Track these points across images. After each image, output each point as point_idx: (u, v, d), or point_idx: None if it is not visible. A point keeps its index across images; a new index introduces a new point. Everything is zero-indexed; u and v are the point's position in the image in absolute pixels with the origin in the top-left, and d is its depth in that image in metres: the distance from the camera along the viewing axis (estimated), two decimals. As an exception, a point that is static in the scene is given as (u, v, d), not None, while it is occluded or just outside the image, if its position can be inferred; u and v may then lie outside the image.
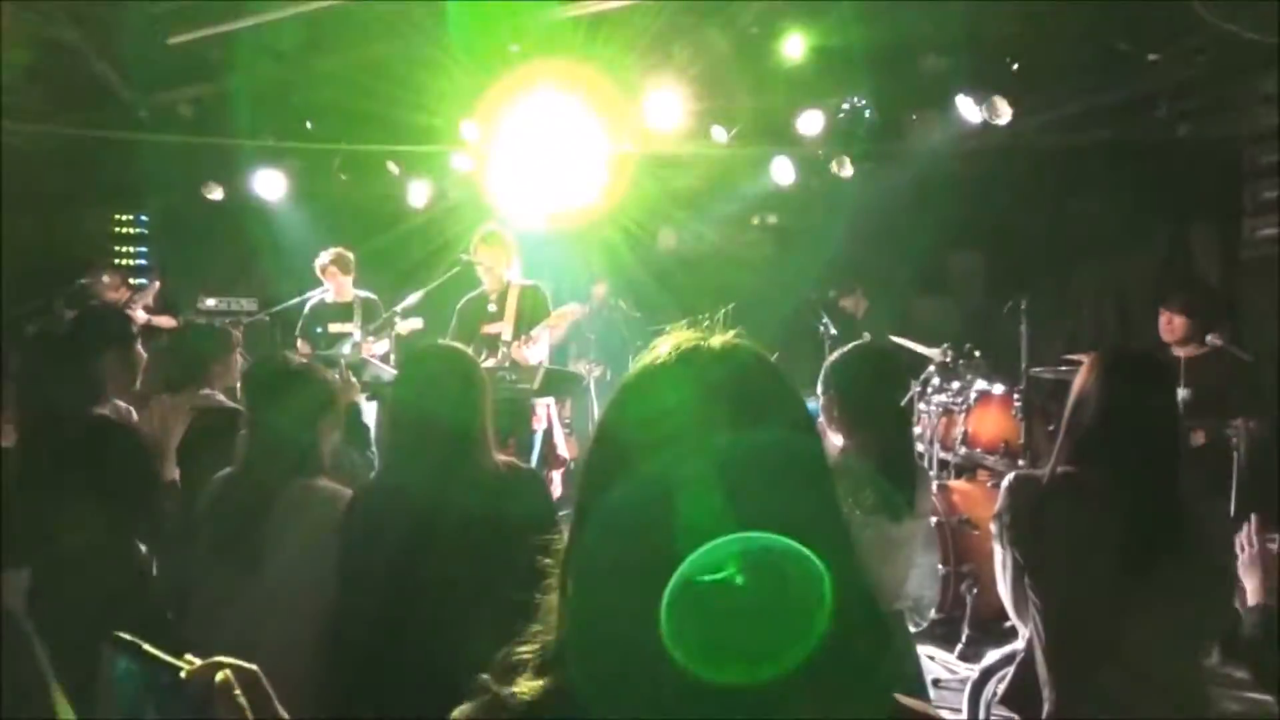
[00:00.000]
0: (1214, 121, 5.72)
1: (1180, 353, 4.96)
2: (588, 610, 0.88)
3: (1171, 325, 5.01)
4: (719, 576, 0.78)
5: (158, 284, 6.75)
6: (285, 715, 0.82)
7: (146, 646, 0.80)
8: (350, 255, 6.34)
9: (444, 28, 5.40)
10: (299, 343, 6.35)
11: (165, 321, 6.29)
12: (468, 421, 2.27)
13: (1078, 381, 2.37)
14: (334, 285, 6.32)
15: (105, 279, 6.72)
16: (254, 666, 0.81)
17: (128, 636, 0.80)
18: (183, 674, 0.79)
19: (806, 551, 0.78)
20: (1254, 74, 5.10)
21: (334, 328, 6.18)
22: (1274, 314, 5.42)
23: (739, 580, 0.78)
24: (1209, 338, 5.00)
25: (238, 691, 0.79)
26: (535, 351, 5.32)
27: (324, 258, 6.30)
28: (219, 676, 0.79)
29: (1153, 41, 5.13)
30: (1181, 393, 4.73)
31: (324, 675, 2.21)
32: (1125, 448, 2.23)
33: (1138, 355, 2.42)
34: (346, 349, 5.79)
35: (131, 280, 7.83)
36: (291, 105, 6.97)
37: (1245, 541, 2.34)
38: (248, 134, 7.19)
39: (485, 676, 0.92)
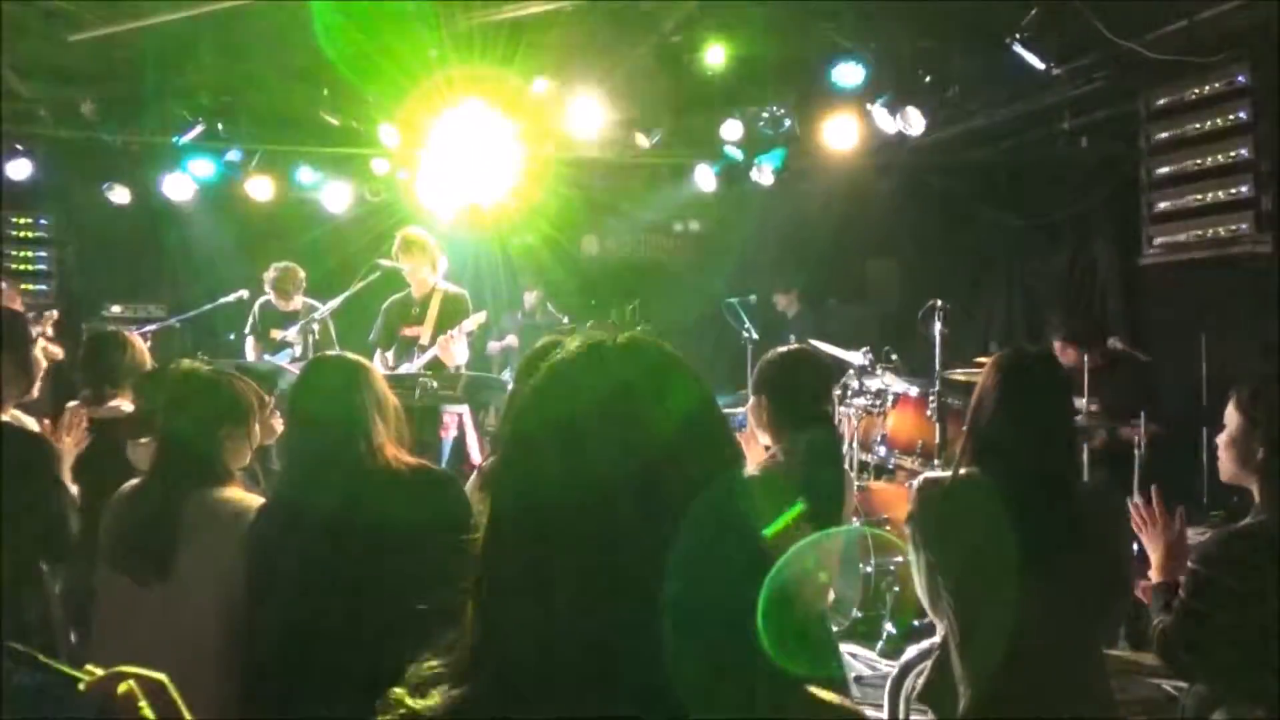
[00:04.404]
0: (1113, 134, 5.96)
1: (1085, 356, 5.15)
2: (504, 616, 0.86)
3: (1065, 355, 5.15)
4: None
5: (55, 313, 6.48)
6: None
7: (43, 658, 0.75)
8: (297, 274, 6.21)
9: (362, 31, 5.30)
10: (248, 341, 6.21)
11: (56, 352, 6.00)
12: (355, 427, 2.25)
13: (978, 385, 2.44)
14: (279, 300, 6.22)
15: (4, 286, 6.42)
16: (161, 676, 0.77)
17: (22, 648, 0.76)
18: (81, 686, 0.75)
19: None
20: (1150, 89, 5.33)
21: (276, 334, 6.05)
22: (1171, 318, 5.67)
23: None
24: (1110, 341, 5.21)
25: (142, 703, 0.75)
26: (457, 351, 5.25)
27: (270, 276, 6.20)
28: (122, 688, 0.75)
29: (1058, 57, 5.33)
30: (1086, 395, 4.92)
31: (233, 688, 2.15)
32: (1020, 447, 2.30)
33: (1029, 356, 2.46)
34: (285, 359, 5.66)
35: (31, 286, 7.50)
36: (202, 106, 6.77)
37: (1148, 515, 2.42)
38: (155, 135, 6.96)
39: (398, 691, 0.89)
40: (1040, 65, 5.27)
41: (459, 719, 0.85)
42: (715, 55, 5.83)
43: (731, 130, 6.72)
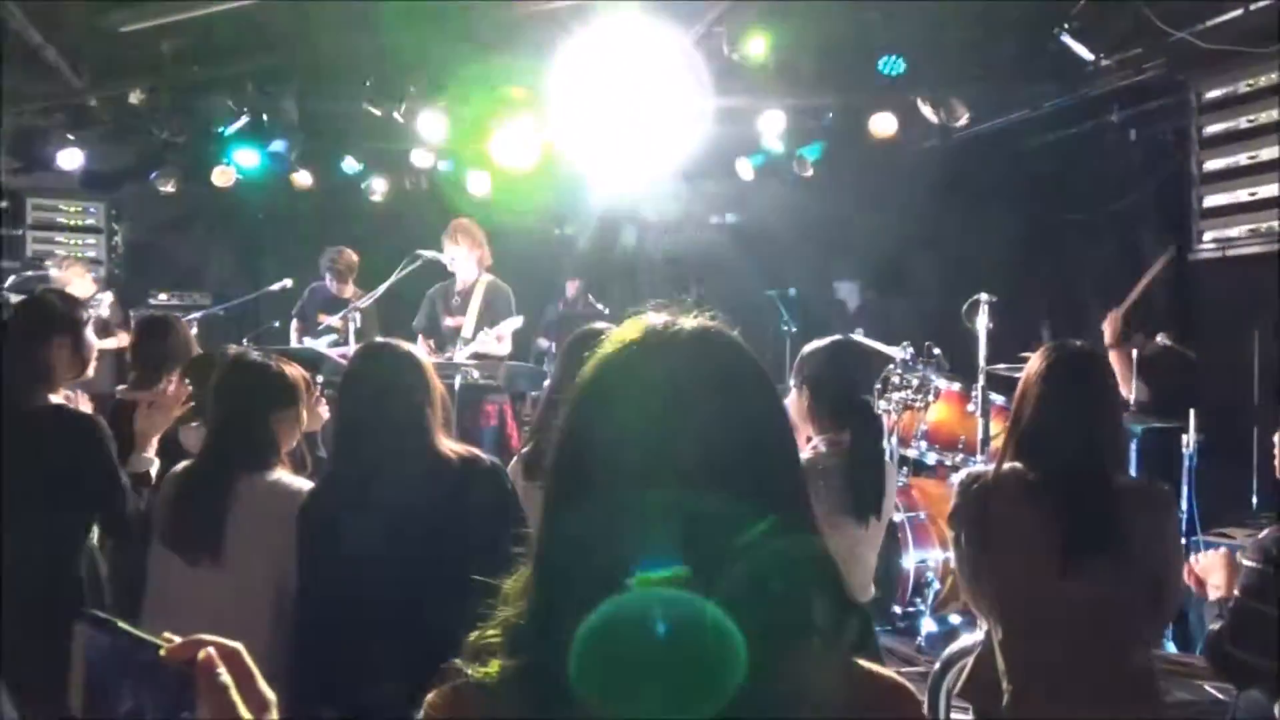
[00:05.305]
0: (1163, 127, 5.85)
1: (1133, 352, 5.06)
2: (556, 598, 0.87)
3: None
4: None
5: (111, 295, 6.63)
6: (270, 693, 0.80)
7: (122, 624, 0.76)
8: (352, 258, 6.34)
9: (403, 22, 5.34)
10: (294, 322, 6.34)
11: (115, 342, 6.10)
12: (406, 413, 2.28)
13: (1021, 379, 2.42)
14: (334, 282, 6.32)
15: (62, 271, 6.56)
16: (237, 644, 0.78)
17: (102, 614, 0.77)
18: (161, 652, 0.76)
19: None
20: (1202, 81, 5.22)
21: (323, 317, 6.17)
22: (1220, 315, 5.55)
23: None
24: (1159, 337, 5.12)
25: (220, 669, 0.76)
26: (500, 349, 5.32)
27: (326, 259, 6.33)
28: (201, 654, 0.76)
29: (1106, 47, 5.23)
30: (1134, 391, 4.84)
31: (285, 669, 2.18)
32: (1063, 442, 2.27)
33: (1070, 351, 2.41)
34: (325, 344, 5.77)
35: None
36: (248, 97, 6.85)
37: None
38: (202, 126, 7.06)
39: (456, 661, 0.91)
40: (1088, 56, 5.17)
41: (517, 688, 0.86)
42: (757, 46, 5.79)
43: (772, 122, 6.68)
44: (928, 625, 4.77)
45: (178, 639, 0.76)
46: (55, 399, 2.73)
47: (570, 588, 0.86)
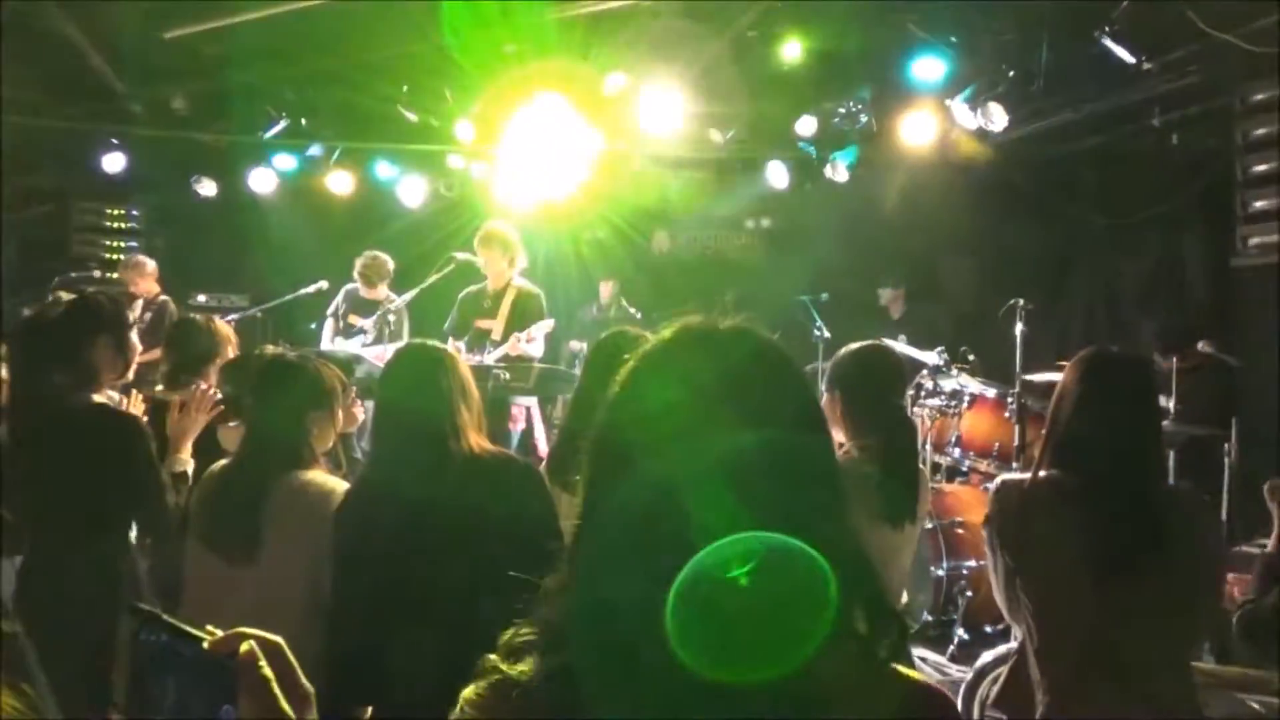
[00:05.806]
0: (1207, 130, 5.75)
1: (1174, 359, 4.98)
2: (594, 597, 0.87)
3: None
4: (725, 577, 0.78)
5: (166, 298, 6.77)
6: (310, 687, 0.81)
7: (167, 617, 0.78)
8: (385, 264, 6.38)
9: (440, 27, 5.40)
10: (327, 323, 6.42)
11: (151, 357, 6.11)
12: (441, 415, 2.31)
13: (1059, 384, 2.38)
14: (365, 286, 6.41)
15: (126, 271, 6.69)
16: (278, 638, 0.79)
17: (147, 607, 0.79)
18: (205, 645, 0.77)
19: (814, 553, 0.78)
20: (1247, 83, 5.13)
21: (355, 319, 6.24)
22: (1264, 322, 5.45)
23: (744, 581, 0.78)
24: (1200, 345, 5.03)
25: (262, 663, 0.77)
26: (531, 349, 5.34)
27: (358, 263, 6.40)
28: (243, 648, 0.77)
29: (1147, 50, 5.16)
30: (1174, 399, 4.76)
31: (320, 668, 2.20)
32: (1101, 449, 2.23)
33: (1110, 357, 2.37)
34: (356, 344, 5.83)
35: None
36: (286, 102, 6.95)
37: None
38: (242, 130, 7.17)
39: (492, 657, 0.91)
40: (1130, 59, 5.10)
41: (553, 686, 0.86)
42: (792, 50, 5.78)
43: (806, 126, 6.66)
44: (959, 634, 4.72)
45: (220, 633, 0.78)
46: (98, 398, 2.78)
47: (607, 585, 0.86)
